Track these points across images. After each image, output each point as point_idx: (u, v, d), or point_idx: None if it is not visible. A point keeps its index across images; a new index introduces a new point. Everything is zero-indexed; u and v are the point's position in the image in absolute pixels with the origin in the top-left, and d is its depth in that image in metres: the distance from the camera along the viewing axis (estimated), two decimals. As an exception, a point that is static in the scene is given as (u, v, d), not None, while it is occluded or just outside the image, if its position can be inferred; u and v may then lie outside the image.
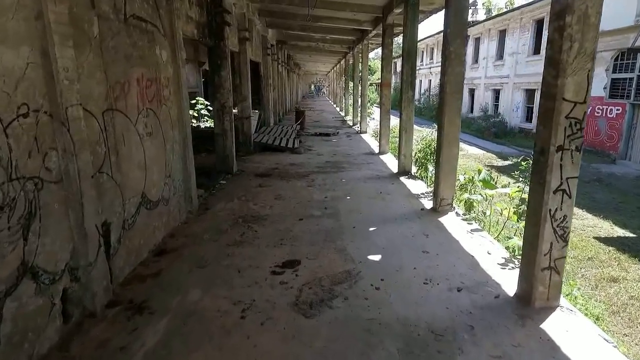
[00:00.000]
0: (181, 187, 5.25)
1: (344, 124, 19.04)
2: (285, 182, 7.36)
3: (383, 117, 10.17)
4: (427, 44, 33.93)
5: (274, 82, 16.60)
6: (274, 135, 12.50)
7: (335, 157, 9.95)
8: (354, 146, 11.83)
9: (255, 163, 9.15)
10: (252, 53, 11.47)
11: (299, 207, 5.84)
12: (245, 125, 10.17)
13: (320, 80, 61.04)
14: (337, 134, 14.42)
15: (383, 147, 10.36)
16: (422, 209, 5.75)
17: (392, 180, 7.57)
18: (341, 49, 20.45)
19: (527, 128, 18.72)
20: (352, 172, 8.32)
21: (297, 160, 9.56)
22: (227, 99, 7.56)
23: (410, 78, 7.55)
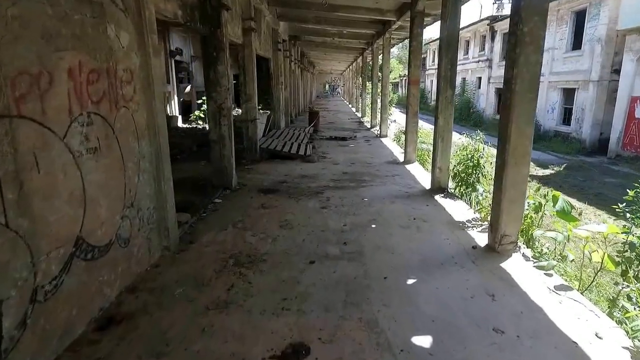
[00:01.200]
0: (152, 218, 3.93)
1: (361, 126, 17.59)
2: (294, 202, 5.99)
3: (409, 121, 8.73)
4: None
5: (285, 80, 15.30)
6: (284, 139, 11.15)
7: (353, 167, 8.54)
8: (375, 153, 10.40)
9: (260, 174, 7.81)
10: (260, 47, 10.15)
11: (309, 241, 4.47)
12: (251, 129, 8.85)
13: (335, 80, 59.65)
14: (354, 138, 13.01)
15: (409, 155, 8.91)
16: (474, 246, 4.31)
17: (425, 199, 6.14)
18: (359, 45, 19.01)
19: (564, 131, 16.97)
20: (375, 187, 6.91)
21: (309, 170, 8.19)
22: (224, 99, 6.24)
23: (449, 73, 6.11)
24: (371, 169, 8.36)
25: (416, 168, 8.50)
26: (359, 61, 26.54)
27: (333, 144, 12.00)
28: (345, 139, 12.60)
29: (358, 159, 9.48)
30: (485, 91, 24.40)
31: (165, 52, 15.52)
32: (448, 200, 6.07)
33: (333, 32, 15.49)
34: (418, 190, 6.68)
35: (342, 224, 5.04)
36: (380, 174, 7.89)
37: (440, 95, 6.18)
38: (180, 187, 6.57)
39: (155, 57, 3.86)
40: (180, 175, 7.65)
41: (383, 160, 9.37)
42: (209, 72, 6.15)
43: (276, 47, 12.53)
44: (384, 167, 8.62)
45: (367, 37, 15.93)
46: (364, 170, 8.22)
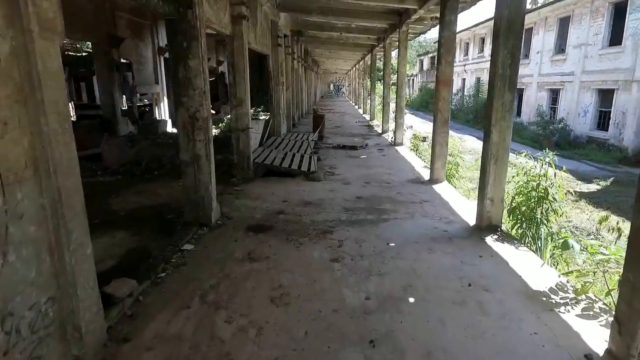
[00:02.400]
0: (47, 318, 2.28)
1: (371, 131, 15.89)
2: (293, 248, 4.33)
3: (438, 131, 7.04)
4: (461, 39, 30.39)
5: (287, 80, 13.64)
6: (284, 149, 9.49)
7: (369, 189, 6.86)
8: (392, 167, 8.71)
9: (252, 199, 6.15)
10: (255, 41, 8.49)
11: (315, 335, 2.81)
12: (242, 140, 7.19)
13: (340, 80, 57.94)
14: (365, 147, 11.32)
15: (437, 172, 7.21)
16: (587, 355, 2.62)
17: (475, 244, 4.45)
18: (367, 41, 17.33)
19: (600, 137, 15.19)
20: (402, 221, 5.24)
21: (314, 193, 6.52)
22: (199, 105, 4.59)
23: (509, 71, 4.42)
24: (391, 191, 6.67)
25: (447, 190, 6.80)
26: (367, 60, 24.86)
27: (341, 154, 10.31)
28: (356, 148, 10.91)
29: (373, 176, 7.79)
30: (504, 92, 22.60)
31: (153, 49, 13.91)
32: (507, 247, 4.38)
33: (340, 27, 13.82)
34: (460, 228, 4.99)
35: (363, 295, 3.36)
36: (404, 199, 6.21)
37: (494, 100, 4.49)
38: (140, 224, 4.99)
39: (46, 40, 2.20)
40: (148, 201, 6.02)
41: (404, 178, 7.67)
42: (178, 68, 4.50)
43: (276, 42, 10.88)
44: (406, 188, 6.93)
45: (378, 31, 14.24)
46: (382, 194, 6.54)
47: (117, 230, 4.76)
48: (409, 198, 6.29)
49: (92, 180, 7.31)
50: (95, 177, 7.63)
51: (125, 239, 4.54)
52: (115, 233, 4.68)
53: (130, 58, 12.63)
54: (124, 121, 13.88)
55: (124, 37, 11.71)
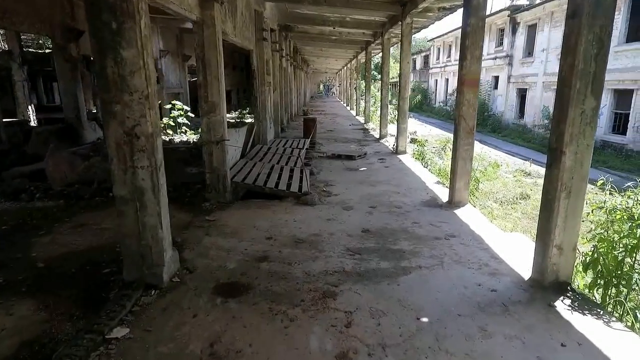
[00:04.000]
0: None
1: (367, 135, 14.50)
2: (279, 333, 2.88)
3: (461, 143, 5.66)
4: (457, 36, 29.22)
5: (274, 80, 12.17)
6: (271, 162, 8.02)
7: (376, 216, 5.44)
8: (400, 183, 7.30)
9: (227, 237, 4.67)
10: (234, 32, 7.03)
11: None
12: (216, 155, 5.71)
13: (330, 79, 56.60)
14: (364, 156, 9.91)
15: (458, 194, 5.83)
16: None
17: (547, 321, 3.05)
18: (363, 37, 15.94)
19: (617, 142, 14.02)
20: (428, 271, 3.83)
21: (307, 224, 5.07)
22: (140, 115, 3.11)
23: (594, 66, 3.04)
24: (405, 221, 5.25)
25: (475, 218, 5.41)
26: (360, 58, 23.52)
27: (337, 165, 8.88)
28: (353, 158, 9.49)
29: (379, 197, 6.37)
30: (504, 92, 21.42)
31: (122, 45, 12.27)
32: (593, 322, 2.99)
33: (333, 20, 12.39)
34: (512, 285, 3.59)
35: None
36: (424, 233, 4.80)
37: (570, 107, 3.10)
38: (59, 287, 3.40)
39: None
40: (85, 243, 4.46)
41: (417, 199, 6.27)
42: (105, 62, 3.02)
43: (261, 35, 9.41)
44: (423, 214, 5.52)
45: (375, 25, 12.85)
46: (395, 224, 5.12)
47: (20, 299, 3.25)
48: (431, 231, 4.88)
49: (26, 207, 5.76)
50: (32, 201, 6.07)
51: (26, 317, 3.04)
52: (16, 304, 3.18)
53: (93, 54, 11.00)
54: (91, 126, 12.28)
55: (84, 29, 10.10)
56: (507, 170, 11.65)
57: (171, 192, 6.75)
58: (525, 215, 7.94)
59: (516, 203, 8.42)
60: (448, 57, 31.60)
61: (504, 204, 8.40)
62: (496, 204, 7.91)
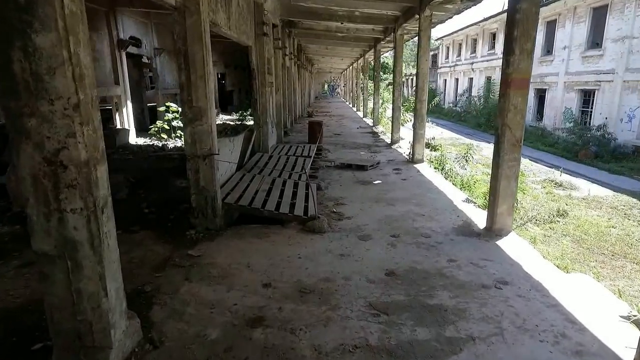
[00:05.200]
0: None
1: (377, 139, 13.42)
2: None
3: (505, 159, 4.57)
4: (468, 34, 28.09)
5: (277, 79, 11.13)
6: (271, 174, 6.97)
7: (401, 250, 4.36)
8: (423, 201, 6.20)
9: (212, 283, 3.62)
10: (228, 24, 5.98)
11: None
12: (203, 173, 4.66)
13: (334, 79, 55.55)
14: (376, 165, 8.82)
15: (500, 220, 4.74)
16: None
17: None
18: (372, 33, 14.87)
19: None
20: (484, 346, 2.75)
21: (315, 264, 4.00)
22: (65, 135, 2.06)
23: None
24: (439, 258, 4.17)
25: (526, 253, 4.31)
26: (367, 57, 22.44)
27: (348, 177, 7.80)
28: (365, 168, 8.41)
29: (400, 220, 5.29)
30: (520, 93, 20.21)
31: (111, 42, 11.29)
32: None
33: (341, 14, 11.32)
34: (612, 374, 2.51)
35: None
36: (465, 279, 3.71)
37: None
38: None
39: None
40: (27, 294, 3.35)
41: (447, 224, 5.18)
42: (8, 54, 1.96)
43: (261, 30, 8.36)
44: (459, 248, 4.44)
45: (387, 20, 11.77)
46: (426, 263, 4.04)
47: None
48: (474, 275, 3.79)
49: (-28, 235, 4.74)
50: (-16, 226, 5.04)
51: None
52: None
53: (77, 52, 9.98)
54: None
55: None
56: (534, 180, 10.53)
57: (150, 214, 5.78)
58: (566, 235, 6.83)
59: (554, 222, 7.31)
60: (458, 56, 30.44)
61: (540, 222, 7.29)
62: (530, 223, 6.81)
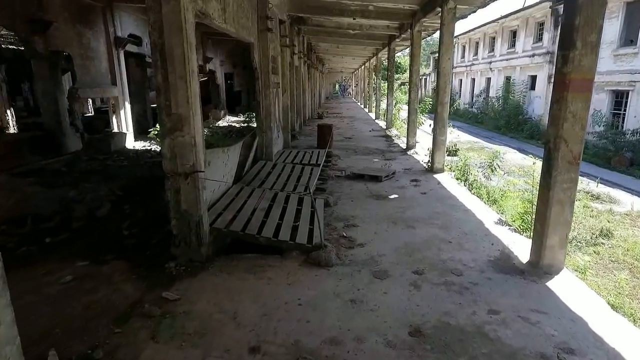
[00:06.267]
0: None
1: (391, 144, 12.51)
2: None
3: (558, 179, 3.65)
4: (485, 32, 26.93)
5: (284, 79, 10.32)
6: (273, 188, 6.13)
7: (427, 294, 3.48)
8: (448, 223, 5.28)
9: (183, 347, 2.78)
10: (224, 16, 5.17)
11: None
12: (185, 194, 3.84)
13: (345, 79, 54.62)
14: (392, 176, 7.92)
15: (550, 254, 3.83)
16: None
17: None
18: (386, 30, 13.96)
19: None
20: None
21: (318, 317, 3.14)
22: None
23: None
24: (476, 307, 3.28)
25: (587, 301, 3.40)
26: (380, 56, 21.51)
27: (360, 190, 6.93)
28: (379, 179, 7.52)
29: (424, 251, 4.40)
30: (543, 93, 19.05)
31: (107, 40, 10.60)
32: None
33: (354, 9, 10.44)
34: None
35: None
36: (517, 344, 2.82)
37: None
38: None
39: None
40: None
41: (480, 255, 4.28)
42: None
43: (265, 25, 7.53)
44: (501, 292, 3.53)
45: (403, 15, 10.85)
46: (461, 316, 3.15)
47: None
48: (527, 337, 2.90)
49: None
50: None
51: None
52: None
53: (69, 50, 9.32)
54: (74, 134, 10.63)
55: (54, 20, 8.40)
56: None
57: (129, 237, 4.87)
58: (615, 261, 5.86)
59: (598, 244, 6.34)
60: (475, 55, 29.25)
61: (581, 244, 6.33)
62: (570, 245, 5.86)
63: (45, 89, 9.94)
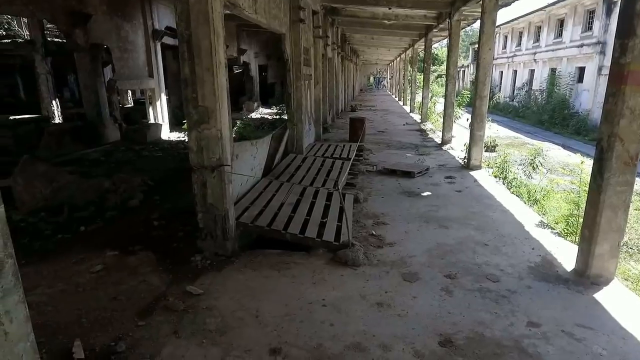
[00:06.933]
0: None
1: (426, 138, 12.11)
2: None
3: (612, 181, 3.31)
4: (530, 21, 25.56)
5: (316, 71, 10.18)
6: (302, 182, 6.03)
7: (459, 300, 3.27)
8: (485, 223, 4.98)
9: (204, 344, 2.73)
10: (252, 6, 5.08)
11: None
12: (211, 188, 3.80)
13: (380, 71, 53.71)
14: (425, 172, 7.63)
15: (599, 263, 3.50)
16: None
17: None
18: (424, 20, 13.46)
19: None
20: None
21: (342, 320, 3.00)
22: None
23: None
24: (514, 319, 3.03)
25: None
26: (416, 47, 20.89)
27: (391, 186, 6.71)
28: (412, 175, 7.26)
29: (458, 253, 4.16)
30: (592, 86, 17.86)
31: (146, 32, 10.82)
32: None
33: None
34: None
35: None
36: (559, 361, 2.58)
37: None
38: None
39: None
40: None
41: (520, 260, 3.99)
42: None
43: (297, 16, 7.41)
44: (542, 303, 3.26)
45: (441, 4, 10.37)
46: (497, 328, 2.92)
47: None
48: (572, 356, 2.64)
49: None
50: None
51: None
52: None
53: (108, 43, 9.57)
54: (113, 124, 10.99)
55: (93, 13, 8.63)
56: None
57: (158, 228, 4.84)
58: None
59: (652, 251, 5.81)
60: (518, 46, 27.84)
61: (633, 250, 5.82)
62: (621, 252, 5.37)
63: (86, 81, 10.30)
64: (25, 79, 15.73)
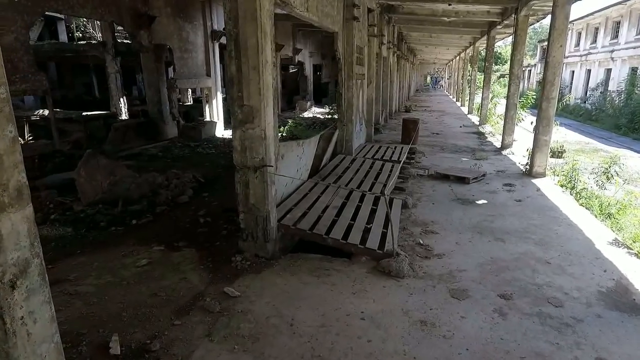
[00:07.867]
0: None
1: (484, 142, 11.42)
2: None
3: None
4: (608, 16, 23.34)
5: (370, 71, 9.96)
6: (349, 186, 5.84)
7: (515, 326, 2.94)
8: (548, 238, 4.50)
9: (235, 351, 2.67)
10: (304, 3, 5.00)
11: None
12: (253, 189, 3.76)
13: (438, 71, 51.93)
14: (481, 178, 7.14)
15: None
16: None
17: None
18: (486, 16, 12.70)
19: None
20: None
21: (381, 337, 2.81)
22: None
23: None
24: (581, 353, 2.66)
25: None
26: (477, 46, 19.86)
27: (443, 192, 6.33)
28: (466, 181, 6.81)
29: (514, 271, 3.78)
30: (682, 88, 15.91)
31: (205, 33, 11.19)
32: None
33: (451, -7, 9.60)
34: None
35: None
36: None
37: None
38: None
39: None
40: None
41: (588, 283, 3.53)
42: None
43: (350, 14, 7.24)
44: (614, 336, 2.84)
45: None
46: (558, 360, 2.58)
47: None
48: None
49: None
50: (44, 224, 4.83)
51: None
52: None
53: (170, 43, 10.00)
54: (172, 121, 11.52)
55: (157, 14, 9.05)
56: None
57: (204, 225, 4.85)
58: None
59: None
60: (592, 43, 25.51)
61: None
62: None
63: (150, 80, 10.88)
64: (98, 78, 17.02)
